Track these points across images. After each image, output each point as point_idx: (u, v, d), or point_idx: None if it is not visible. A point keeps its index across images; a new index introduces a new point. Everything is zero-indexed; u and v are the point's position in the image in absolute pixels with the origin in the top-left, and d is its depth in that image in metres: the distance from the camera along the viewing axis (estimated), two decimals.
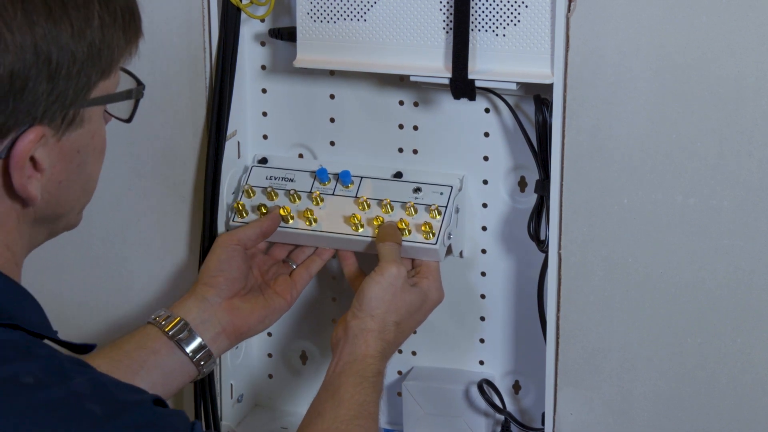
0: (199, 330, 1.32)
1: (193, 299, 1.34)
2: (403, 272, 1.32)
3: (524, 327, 1.42)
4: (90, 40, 0.96)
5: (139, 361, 1.29)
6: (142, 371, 1.28)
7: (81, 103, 0.98)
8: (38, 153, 0.96)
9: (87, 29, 0.96)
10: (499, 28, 1.28)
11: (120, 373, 1.24)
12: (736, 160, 1.24)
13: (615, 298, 1.31)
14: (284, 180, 1.42)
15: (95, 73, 0.98)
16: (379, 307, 1.29)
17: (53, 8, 0.94)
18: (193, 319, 1.33)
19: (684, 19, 1.22)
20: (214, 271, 1.36)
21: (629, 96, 1.25)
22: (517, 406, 1.45)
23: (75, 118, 0.98)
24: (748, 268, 1.26)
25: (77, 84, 0.96)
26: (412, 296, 1.32)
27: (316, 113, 1.44)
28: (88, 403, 0.91)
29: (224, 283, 1.35)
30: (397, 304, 1.30)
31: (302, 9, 1.34)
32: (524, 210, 1.38)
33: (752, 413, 1.30)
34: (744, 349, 1.28)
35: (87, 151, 1.01)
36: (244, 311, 1.36)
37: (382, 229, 1.36)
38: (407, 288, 1.32)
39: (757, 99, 1.22)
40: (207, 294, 1.34)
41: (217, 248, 1.37)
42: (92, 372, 0.95)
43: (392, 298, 1.30)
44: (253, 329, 1.37)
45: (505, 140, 1.38)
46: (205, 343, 1.32)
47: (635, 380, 1.32)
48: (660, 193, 1.27)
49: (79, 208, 1.05)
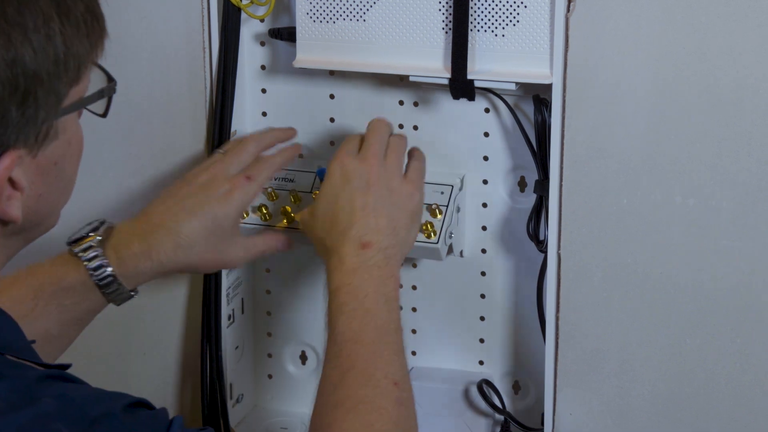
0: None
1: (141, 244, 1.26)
2: (339, 165, 1.25)
3: (524, 327, 1.42)
4: (54, 57, 0.94)
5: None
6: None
7: (54, 116, 0.96)
8: (15, 173, 0.95)
9: (49, 47, 0.94)
10: (499, 29, 1.28)
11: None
12: (736, 160, 1.24)
13: (614, 299, 1.31)
14: (284, 180, 1.42)
15: (64, 85, 0.96)
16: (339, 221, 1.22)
17: (12, 34, 0.91)
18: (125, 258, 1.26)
19: (683, 20, 1.22)
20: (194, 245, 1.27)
21: (628, 96, 1.25)
22: (516, 407, 1.45)
23: (49, 132, 0.96)
24: (748, 268, 1.26)
25: (47, 102, 0.94)
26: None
27: (316, 113, 1.44)
28: (56, 423, 0.89)
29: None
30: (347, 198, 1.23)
31: (302, 9, 1.34)
32: (524, 210, 1.38)
33: (751, 414, 1.30)
34: (743, 349, 1.28)
35: (64, 159, 0.99)
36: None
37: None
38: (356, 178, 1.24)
39: (756, 99, 1.22)
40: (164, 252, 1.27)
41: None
42: (62, 387, 0.94)
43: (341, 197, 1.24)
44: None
45: (505, 140, 1.38)
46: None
47: (634, 381, 1.32)
48: (659, 194, 1.27)
49: (59, 209, 1.04)
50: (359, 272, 1.19)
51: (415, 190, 1.28)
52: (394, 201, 1.25)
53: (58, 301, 1.24)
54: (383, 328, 1.16)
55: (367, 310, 1.17)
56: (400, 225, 1.25)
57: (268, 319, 1.53)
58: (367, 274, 1.19)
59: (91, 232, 1.26)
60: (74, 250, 1.25)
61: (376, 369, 1.13)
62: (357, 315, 1.16)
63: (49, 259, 1.26)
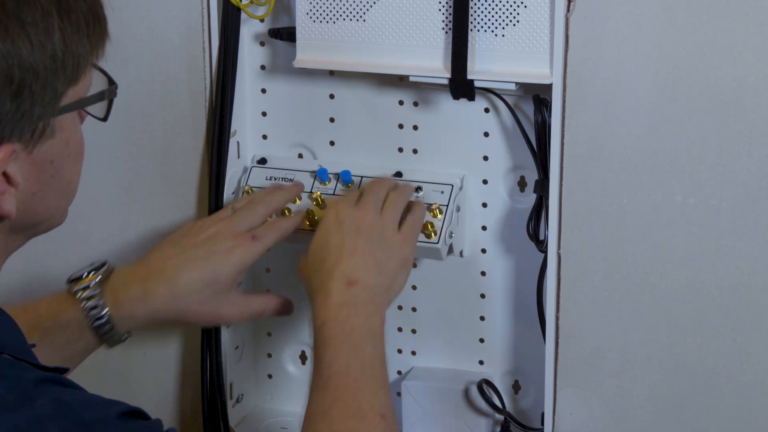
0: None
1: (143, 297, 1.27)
2: (334, 214, 1.26)
3: (524, 327, 1.42)
4: (52, 53, 0.94)
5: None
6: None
7: (51, 113, 0.96)
8: (10, 168, 0.95)
9: (47, 43, 0.94)
10: (499, 29, 1.28)
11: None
12: (736, 160, 1.24)
13: (614, 298, 1.31)
14: (284, 180, 1.42)
15: (61, 83, 0.96)
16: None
17: (9, 26, 0.92)
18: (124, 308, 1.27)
19: (684, 19, 1.22)
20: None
21: (629, 96, 1.25)
22: (516, 406, 1.45)
23: (45, 129, 0.96)
24: (748, 268, 1.26)
25: (44, 98, 0.95)
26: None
27: (315, 113, 1.44)
28: (51, 426, 0.90)
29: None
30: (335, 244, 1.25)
31: (302, 9, 1.34)
32: (524, 210, 1.38)
33: (752, 413, 1.30)
34: (743, 349, 1.28)
35: (61, 159, 1.00)
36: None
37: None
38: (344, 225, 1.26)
39: (756, 99, 1.22)
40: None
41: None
42: (58, 391, 0.94)
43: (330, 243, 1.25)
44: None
45: (505, 140, 1.38)
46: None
47: (635, 380, 1.32)
48: (659, 193, 1.27)
49: (61, 211, 1.04)
50: (345, 308, 1.20)
51: (407, 242, 1.29)
52: (385, 247, 1.26)
53: (53, 337, 1.24)
54: (369, 363, 1.18)
55: (353, 344, 1.18)
56: (388, 269, 1.26)
57: (268, 319, 1.52)
58: (353, 310, 1.20)
59: (92, 272, 1.27)
60: (73, 289, 1.25)
61: (363, 401, 1.14)
62: (344, 349, 1.18)
63: (48, 296, 1.27)
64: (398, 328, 1.48)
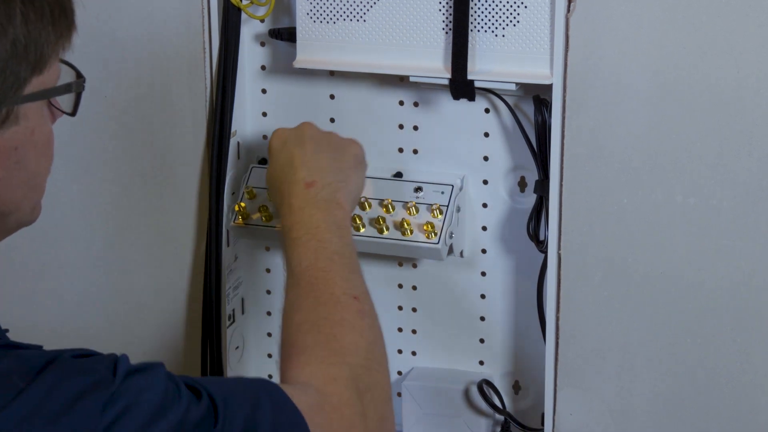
0: None
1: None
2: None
3: (524, 327, 1.42)
4: (13, 38, 0.95)
5: None
6: None
7: (14, 100, 0.96)
8: None
9: (9, 27, 0.94)
10: (499, 29, 1.28)
11: None
12: (736, 159, 1.24)
13: (615, 299, 1.31)
14: None
15: (24, 69, 0.96)
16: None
17: None
18: None
19: (684, 19, 1.22)
20: None
21: (629, 96, 1.25)
22: (516, 407, 1.45)
23: (9, 115, 0.96)
24: (748, 268, 1.26)
25: (4, 82, 0.95)
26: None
27: (316, 113, 1.44)
28: (12, 378, 0.92)
29: None
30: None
31: (302, 9, 1.34)
32: (524, 210, 1.38)
33: (752, 413, 1.30)
34: (744, 349, 1.28)
35: (26, 147, 0.99)
36: None
37: None
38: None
39: (756, 99, 1.22)
40: None
41: None
42: (16, 352, 0.96)
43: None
44: None
45: (505, 140, 1.38)
46: None
47: (635, 380, 1.32)
48: (660, 193, 1.27)
49: (30, 205, 1.04)
50: (307, 208, 1.23)
51: (354, 142, 1.32)
52: (333, 149, 1.29)
53: None
54: (338, 252, 1.20)
55: (319, 240, 1.20)
56: (344, 166, 1.29)
57: (268, 319, 1.53)
58: (315, 209, 1.23)
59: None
60: None
61: (335, 287, 1.17)
62: (311, 245, 1.20)
63: None
64: (398, 329, 1.48)
